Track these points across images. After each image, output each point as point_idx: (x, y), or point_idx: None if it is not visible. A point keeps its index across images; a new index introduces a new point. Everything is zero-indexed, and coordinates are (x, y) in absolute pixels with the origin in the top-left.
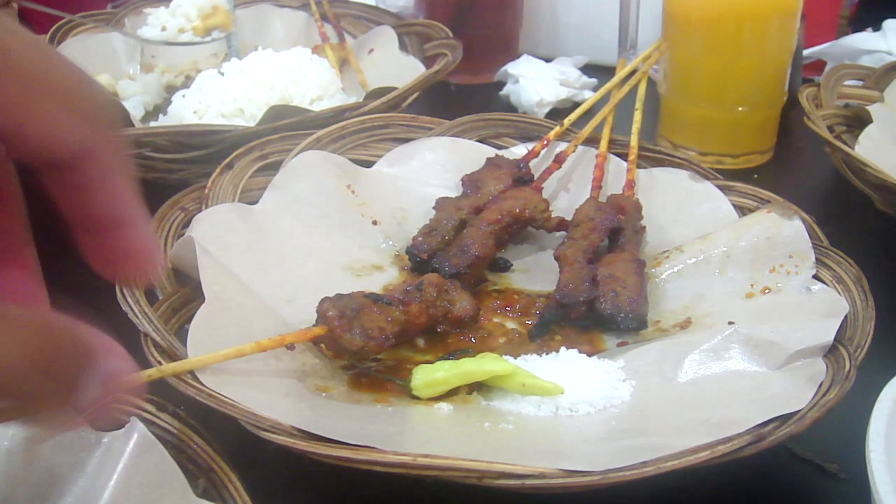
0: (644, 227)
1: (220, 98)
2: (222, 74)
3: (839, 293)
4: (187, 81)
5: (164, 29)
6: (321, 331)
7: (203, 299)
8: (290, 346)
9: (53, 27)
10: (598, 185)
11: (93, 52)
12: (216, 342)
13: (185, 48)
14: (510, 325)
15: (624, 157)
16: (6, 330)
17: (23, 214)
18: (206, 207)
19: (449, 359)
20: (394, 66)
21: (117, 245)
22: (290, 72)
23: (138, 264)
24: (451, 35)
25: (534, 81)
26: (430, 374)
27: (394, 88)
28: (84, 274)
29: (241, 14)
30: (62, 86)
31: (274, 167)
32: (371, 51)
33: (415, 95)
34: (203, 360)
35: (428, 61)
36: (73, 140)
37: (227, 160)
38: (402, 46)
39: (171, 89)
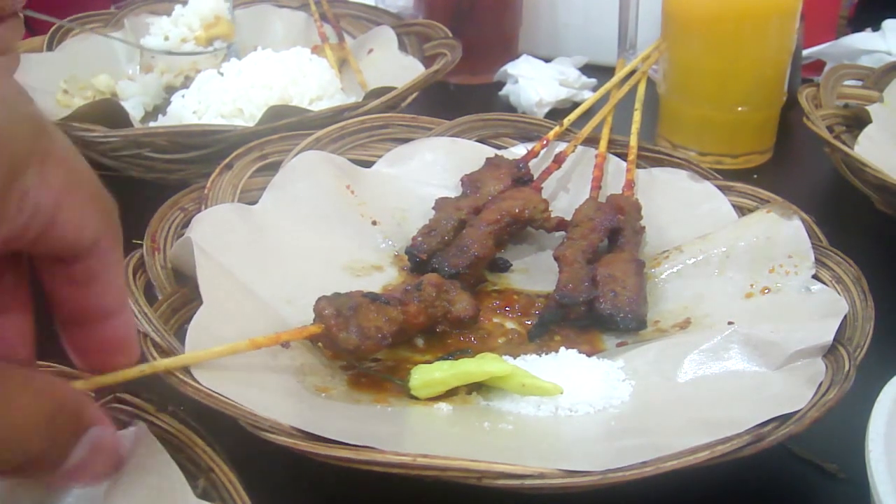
0: (643, 228)
1: (220, 98)
2: (222, 75)
3: (839, 293)
4: (187, 82)
5: (166, 38)
6: (317, 329)
7: (201, 301)
8: (286, 344)
9: (52, 27)
10: (597, 185)
11: (92, 52)
12: (215, 342)
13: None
14: (510, 325)
15: (623, 157)
16: (24, 394)
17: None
18: (206, 207)
19: (448, 359)
20: (393, 66)
21: (104, 336)
22: (289, 72)
23: (122, 355)
24: (450, 35)
25: (533, 81)
26: (429, 375)
27: (393, 88)
28: None
29: (240, 14)
30: (87, 178)
31: (273, 167)
32: (370, 51)
33: (414, 95)
34: (197, 357)
35: (427, 61)
36: (91, 231)
37: (227, 160)
38: (402, 46)
39: (170, 90)
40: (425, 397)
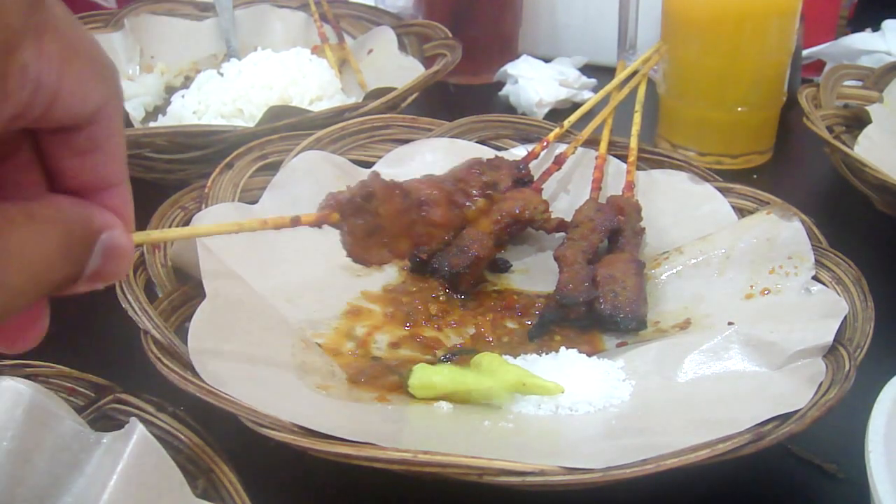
0: (643, 229)
1: (220, 98)
2: (221, 75)
3: (839, 294)
4: (187, 82)
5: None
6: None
7: (203, 297)
8: (296, 221)
9: None
10: (597, 186)
11: None
12: (217, 339)
13: (184, 48)
14: (510, 325)
15: (623, 158)
16: (41, 231)
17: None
18: (206, 206)
19: (450, 359)
20: (393, 66)
21: (104, 206)
22: (289, 72)
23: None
24: (450, 35)
25: (533, 82)
26: (428, 378)
27: (393, 89)
28: None
29: (240, 14)
30: (87, 46)
31: (274, 167)
32: (370, 51)
33: (414, 96)
34: (197, 231)
35: (427, 62)
36: (95, 100)
37: (227, 160)
38: (402, 47)
39: (170, 90)
40: (420, 397)
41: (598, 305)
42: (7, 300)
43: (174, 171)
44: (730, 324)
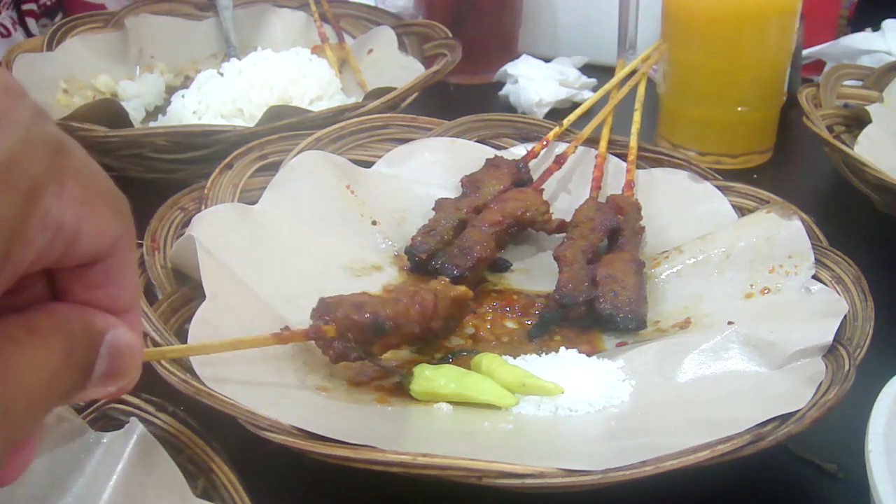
0: (643, 228)
1: (220, 98)
2: (221, 75)
3: (838, 293)
4: (186, 82)
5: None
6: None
7: (203, 298)
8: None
9: (53, 27)
10: (597, 185)
11: (93, 52)
12: (218, 336)
13: (184, 48)
14: (510, 325)
15: (623, 157)
16: (44, 345)
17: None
18: (206, 207)
19: (449, 360)
20: (393, 66)
21: None
22: (289, 72)
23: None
24: (450, 35)
25: (533, 81)
26: (431, 381)
27: (393, 88)
28: None
29: (240, 14)
30: (104, 185)
31: (273, 167)
32: (370, 51)
33: (414, 95)
34: (192, 349)
35: (427, 61)
36: (111, 236)
37: (227, 160)
38: (402, 46)
39: (170, 90)
40: (421, 399)
41: (598, 305)
42: (14, 428)
43: (174, 170)
44: (730, 323)
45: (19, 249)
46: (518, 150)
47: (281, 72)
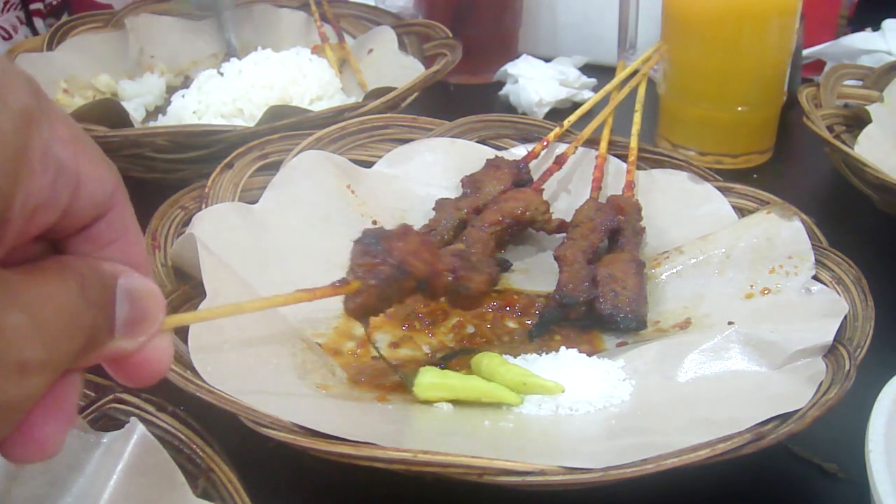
0: (644, 228)
1: (220, 98)
2: (222, 74)
3: (839, 294)
4: (187, 82)
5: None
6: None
7: (203, 297)
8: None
9: (53, 27)
10: (597, 186)
11: (93, 52)
12: (217, 338)
13: (184, 48)
14: (510, 324)
15: (624, 158)
16: (57, 281)
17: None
18: (206, 206)
19: (450, 359)
20: (393, 66)
21: None
22: (289, 72)
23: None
24: (450, 35)
25: (533, 81)
26: (435, 381)
27: (393, 88)
28: None
29: (240, 14)
30: (81, 129)
31: (274, 167)
32: (370, 51)
33: (414, 95)
34: (203, 314)
35: (427, 61)
36: (110, 183)
37: (227, 160)
38: (402, 46)
39: (170, 89)
40: (425, 399)
41: (599, 305)
42: (57, 343)
43: (174, 170)
44: (730, 323)
45: (26, 176)
46: (518, 151)
47: (281, 72)
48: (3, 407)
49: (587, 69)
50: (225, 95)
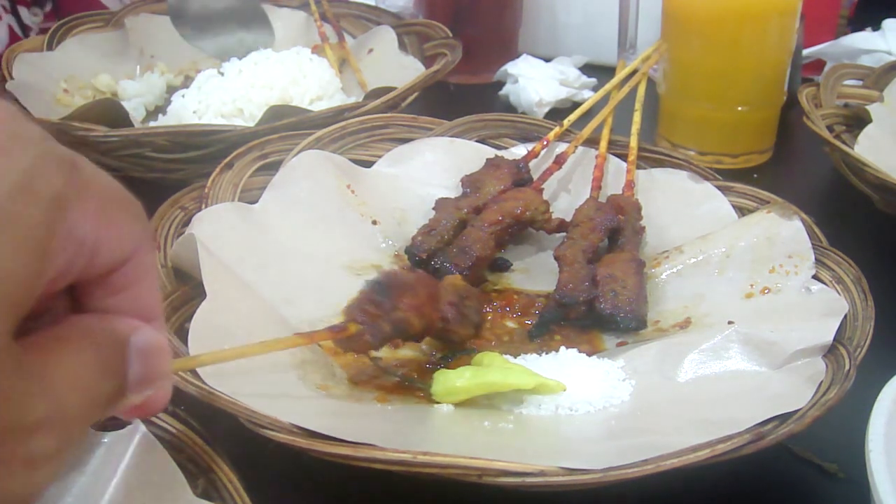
0: (644, 228)
1: (220, 98)
2: (222, 74)
3: (839, 293)
4: (187, 81)
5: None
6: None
7: (203, 297)
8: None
9: (53, 27)
10: (597, 185)
11: (93, 52)
12: (217, 340)
13: (184, 48)
14: (510, 324)
15: (624, 157)
16: (75, 351)
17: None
18: (206, 206)
19: (449, 360)
20: (393, 65)
21: None
22: (289, 72)
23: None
24: (450, 35)
25: (533, 81)
26: (451, 382)
27: (393, 88)
28: None
29: None
30: (118, 195)
31: (274, 167)
32: (370, 51)
33: (414, 95)
34: (207, 359)
35: (427, 61)
36: (131, 243)
37: (227, 160)
38: (402, 46)
39: (170, 89)
40: (444, 402)
41: (598, 305)
42: (71, 428)
43: (174, 170)
44: (730, 323)
45: (50, 259)
46: (518, 150)
47: (281, 71)
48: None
49: (587, 69)
50: (225, 95)
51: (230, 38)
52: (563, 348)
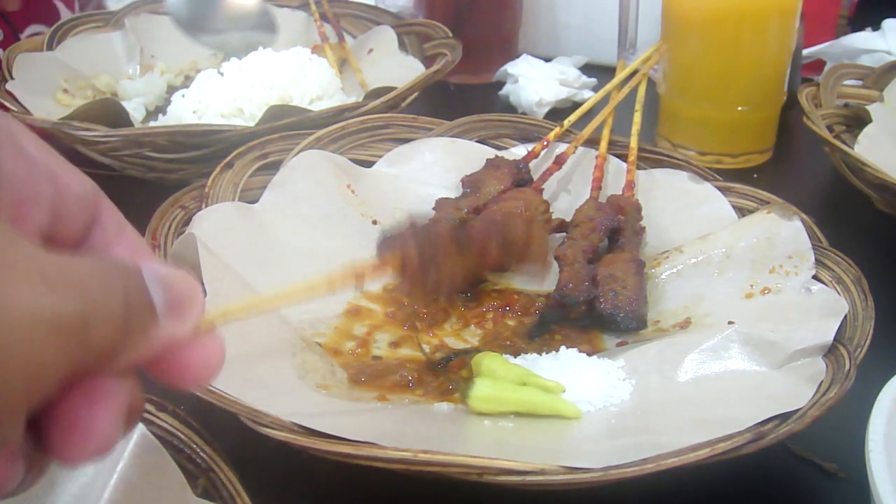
0: (644, 228)
1: (220, 98)
2: (222, 74)
3: (839, 293)
4: (187, 81)
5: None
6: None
7: (203, 296)
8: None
9: (53, 27)
10: (597, 185)
11: (93, 52)
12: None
13: (184, 47)
14: (510, 324)
15: (624, 158)
16: (110, 279)
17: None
18: (206, 206)
19: (451, 359)
20: (393, 66)
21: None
22: (289, 72)
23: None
24: (450, 35)
25: (533, 81)
26: (493, 393)
27: (393, 88)
28: None
29: None
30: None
31: (274, 167)
32: (370, 51)
33: (414, 95)
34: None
35: (427, 61)
36: (89, 187)
37: (227, 159)
38: (402, 46)
39: (171, 89)
40: (478, 411)
41: (599, 305)
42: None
43: (174, 170)
44: (730, 323)
45: None
46: (518, 151)
47: (281, 71)
48: None
49: (587, 69)
50: (225, 95)
51: (233, 34)
52: (563, 348)
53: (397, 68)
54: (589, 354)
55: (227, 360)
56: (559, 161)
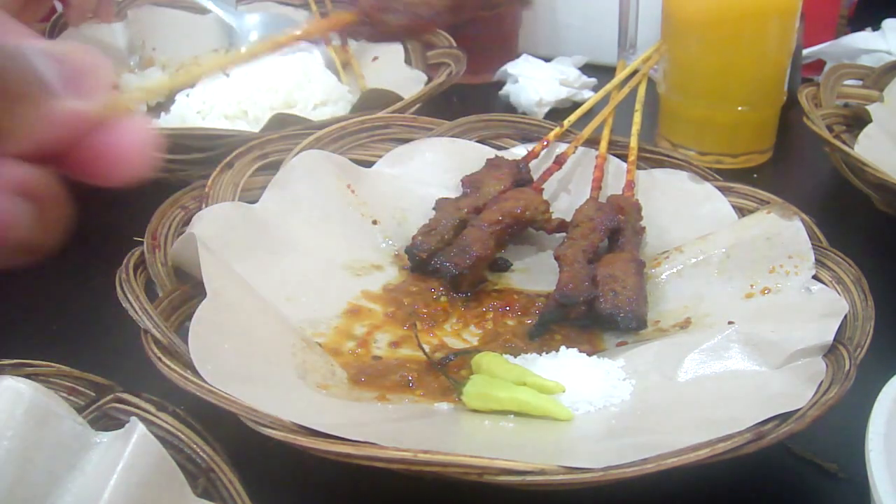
0: (644, 228)
1: (225, 99)
2: (227, 75)
3: (839, 293)
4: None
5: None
6: (351, 16)
7: (203, 296)
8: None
9: (52, 19)
10: (598, 185)
11: (93, 45)
12: (217, 338)
13: (186, 42)
14: (510, 324)
15: (624, 158)
16: None
17: None
18: (207, 206)
19: (450, 359)
20: (397, 76)
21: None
22: (294, 76)
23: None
24: (454, 44)
25: (533, 81)
26: (487, 390)
27: (391, 92)
28: (87, 271)
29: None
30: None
31: (274, 167)
32: (375, 58)
33: (417, 107)
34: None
35: (431, 69)
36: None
37: (228, 159)
38: (406, 54)
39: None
40: (473, 407)
41: (599, 305)
42: None
43: (175, 170)
44: (730, 323)
45: None
46: (518, 151)
47: (287, 75)
48: None
49: (587, 69)
50: (230, 97)
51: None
52: (563, 348)
53: (401, 79)
54: (589, 354)
55: (227, 360)
56: (559, 161)
